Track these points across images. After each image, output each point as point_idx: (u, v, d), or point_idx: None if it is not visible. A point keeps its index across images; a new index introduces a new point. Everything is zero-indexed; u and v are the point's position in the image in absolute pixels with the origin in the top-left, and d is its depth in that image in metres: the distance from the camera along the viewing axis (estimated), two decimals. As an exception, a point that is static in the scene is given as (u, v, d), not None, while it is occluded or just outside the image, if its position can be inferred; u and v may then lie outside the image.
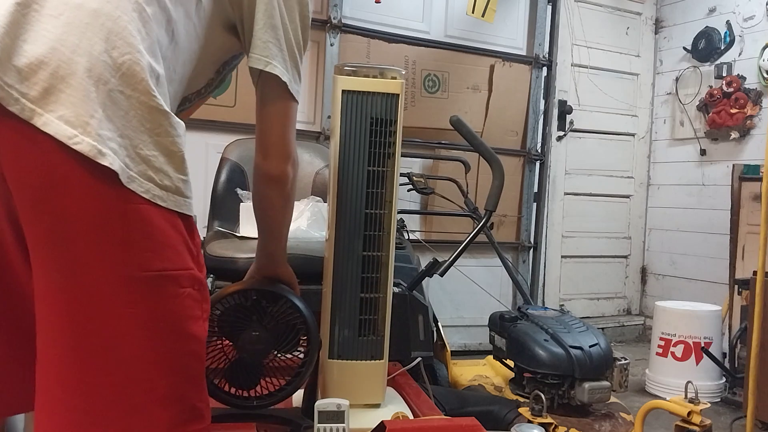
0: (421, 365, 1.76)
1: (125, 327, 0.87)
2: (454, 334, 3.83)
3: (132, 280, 0.87)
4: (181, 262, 0.92)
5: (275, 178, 1.17)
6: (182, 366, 0.92)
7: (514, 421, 1.69)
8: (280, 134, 1.15)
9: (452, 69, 3.87)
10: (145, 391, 0.89)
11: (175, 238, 0.92)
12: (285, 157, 1.16)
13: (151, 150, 0.89)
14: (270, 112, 1.14)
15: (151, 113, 0.89)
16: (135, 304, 0.87)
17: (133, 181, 0.86)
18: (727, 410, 3.10)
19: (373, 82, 1.36)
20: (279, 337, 1.30)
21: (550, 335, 1.91)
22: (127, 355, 0.87)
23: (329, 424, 1.28)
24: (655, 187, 4.71)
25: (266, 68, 1.09)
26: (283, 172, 1.17)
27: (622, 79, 4.60)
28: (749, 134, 4.01)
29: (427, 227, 3.82)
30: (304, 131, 3.52)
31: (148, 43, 0.91)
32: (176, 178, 0.92)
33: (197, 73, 1.11)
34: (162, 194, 0.90)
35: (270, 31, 1.09)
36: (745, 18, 4.05)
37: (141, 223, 0.87)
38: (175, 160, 0.92)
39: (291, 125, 1.16)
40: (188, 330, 0.93)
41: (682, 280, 4.44)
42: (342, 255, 1.41)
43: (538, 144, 4.17)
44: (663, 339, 3.39)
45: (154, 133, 0.89)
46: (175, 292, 0.91)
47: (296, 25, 1.13)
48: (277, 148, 1.15)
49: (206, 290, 0.97)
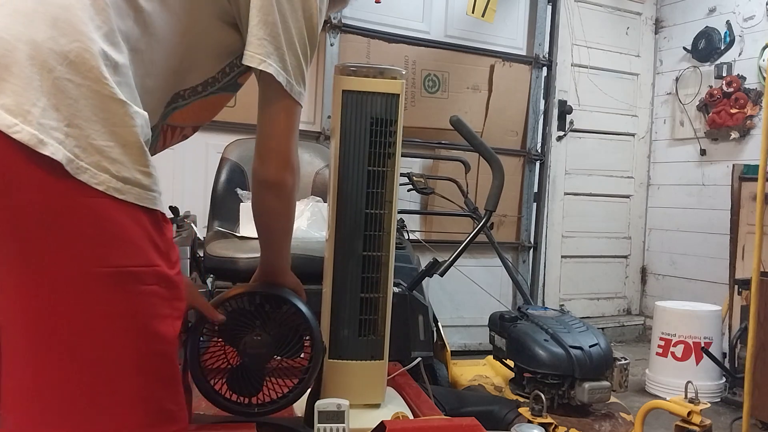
0: (421, 365, 1.76)
1: (86, 325, 0.84)
2: (454, 334, 3.83)
3: (89, 276, 0.84)
4: (143, 258, 0.88)
5: (272, 185, 1.13)
6: (149, 366, 0.89)
7: (514, 421, 1.69)
8: (278, 139, 1.11)
9: (452, 69, 3.87)
10: (111, 391, 0.86)
11: (136, 232, 0.87)
12: (283, 163, 1.12)
13: (105, 140, 0.84)
14: (268, 114, 1.11)
15: (105, 102, 0.85)
16: (94, 302, 0.84)
17: (84, 172, 0.82)
18: (727, 410, 3.10)
19: (373, 82, 1.36)
20: (282, 342, 1.27)
21: (550, 335, 1.91)
22: (91, 354, 0.85)
23: (329, 424, 1.27)
24: (655, 187, 4.72)
25: (260, 66, 1.05)
26: (280, 179, 1.12)
27: (622, 79, 4.60)
28: (749, 134, 4.01)
29: (427, 227, 3.82)
30: (304, 131, 3.51)
31: (105, 31, 0.87)
32: (135, 170, 0.87)
33: (188, 68, 1.07)
34: (120, 186, 0.85)
35: (265, 28, 1.05)
36: (745, 18, 4.05)
37: (94, 217, 0.84)
38: (134, 150, 0.87)
39: (290, 129, 1.12)
40: (154, 329, 0.89)
41: (682, 280, 4.44)
42: (342, 255, 1.41)
43: (538, 144, 4.17)
44: (663, 339, 3.39)
45: (109, 122, 0.85)
46: (136, 289, 0.87)
47: (300, 24, 1.09)
48: (274, 153, 1.11)
49: (177, 288, 0.93)
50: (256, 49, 1.05)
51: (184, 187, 3.23)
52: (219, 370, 1.29)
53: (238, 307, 1.26)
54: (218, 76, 1.12)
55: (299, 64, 1.10)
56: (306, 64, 1.12)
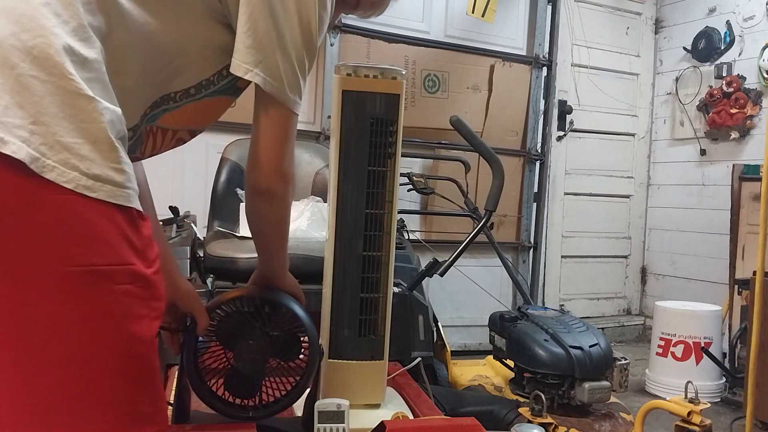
0: (421, 365, 1.75)
1: (56, 326, 0.83)
2: (454, 334, 3.83)
3: (58, 276, 0.82)
4: (117, 256, 0.85)
5: (262, 193, 1.12)
6: (123, 367, 0.87)
7: (514, 421, 1.69)
8: (269, 147, 1.09)
9: (452, 69, 3.87)
10: (83, 393, 0.84)
11: (108, 230, 0.85)
12: (273, 172, 1.10)
13: (73, 137, 0.82)
14: (259, 122, 1.09)
15: (72, 98, 0.83)
16: (65, 301, 0.82)
17: (52, 170, 0.80)
18: (727, 410, 3.10)
19: (373, 82, 1.36)
20: (278, 346, 1.26)
21: (550, 335, 1.91)
22: (64, 355, 0.83)
23: (329, 424, 1.27)
24: (655, 187, 4.72)
25: (245, 76, 1.03)
26: (270, 187, 1.11)
27: (622, 79, 4.60)
28: (749, 134, 4.01)
29: (427, 227, 3.82)
30: (304, 131, 3.52)
31: (73, 26, 0.86)
32: (107, 167, 0.85)
33: (178, 69, 1.04)
34: (90, 184, 0.83)
35: (254, 36, 1.02)
36: (745, 18, 4.05)
37: (62, 215, 0.82)
38: (104, 147, 0.85)
39: (282, 138, 1.09)
40: (128, 330, 0.87)
41: (682, 280, 4.44)
42: (342, 255, 1.41)
43: (538, 144, 4.17)
44: (663, 339, 3.39)
45: (77, 119, 0.83)
46: (108, 288, 0.84)
47: (295, 31, 1.05)
48: (265, 162, 1.09)
49: (155, 287, 0.90)
50: (243, 57, 1.03)
51: (184, 187, 3.23)
52: (216, 372, 1.28)
53: (233, 311, 1.25)
54: (213, 79, 1.09)
55: (294, 71, 1.07)
56: (302, 72, 1.09)
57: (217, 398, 1.27)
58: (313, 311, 1.36)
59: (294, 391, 1.30)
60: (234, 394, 1.28)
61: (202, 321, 1.23)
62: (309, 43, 1.08)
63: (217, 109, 1.16)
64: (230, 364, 1.27)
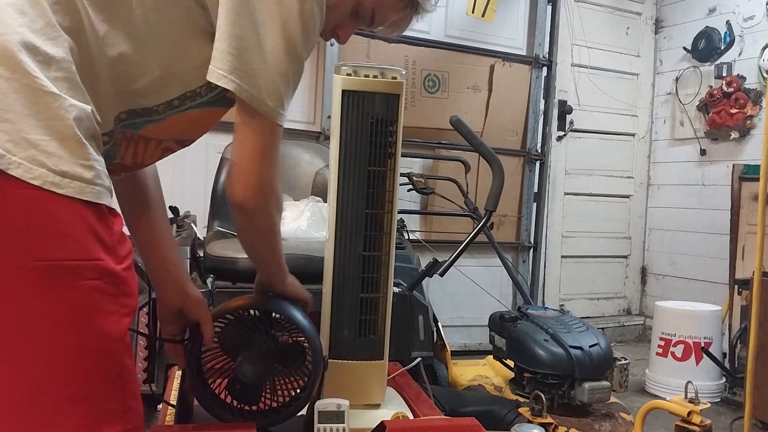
0: (421, 365, 1.76)
1: (23, 320, 0.83)
2: (454, 334, 3.83)
3: (22, 271, 0.82)
4: (84, 252, 0.85)
5: (239, 207, 1.07)
6: (89, 364, 0.86)
7: (514, 421, 1.69)
8: (245, 159, 1.04)
9: (452, 69, 3.87)
10: (53, 388, 0.84)
11: (76, 226, 0.84)
12: (246, 186, 1.05)
13: (40, 134, 0.82)
14: (237, 132, 1.04)
15: (37, 95, 0.83)
16: (31, 296, 0.82)
17: (18, 167, 0.80)
18: (727, 410, 3.10)
19: (373, 82, 1.36)
20: (281, 355, 1.26)
21: (550, 335, 1.91)
22: (29, 350, 0.83)
23: (329, 424, 1.27)
24: (655, 187, 4.72)
25: (219, 82, 0.99)
26: (243, 202, 1.06)
27: (622, 79, 4.60)
28: (749, 134, 4.01)
29: (427, 227, 3.82)
30: (304, 131, 3.52)
31: (40, 25, 0.86)
32: (75, 164, 0.85)
33: (161, 81, 1.02)
34: (58, 180, 0.83)
35: (231, 41, 0.98)
36: (745, 18, 4.05)
37: (27, 210, 0.81)
38: (71, 144, 0.85)
39: (261, 150, 1.04)
40: (96, 326, 0.86)
41: (682, 280, 4.44)
42: (342, 255, 1.41)
43: (538, 144, 4.17)
44: (663, 339, 3.39)
45: (44, 116, 0.83)
46: (74, 284, 0.84)
47: (277, 37, 1.00)
48: (242, 175, 1.05)
49: (126, 284, 0.89)
50: (218, 63, 0.99)
51: (184, 187, 3.23)
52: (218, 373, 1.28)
53: (234, 320, 1.24)
54: (201, 91, 1.06)
55: (274, 80, 1.02)
56: (285, 81, 1.03)
57: (219, 406, 1.26)
58: (313, 311, 1.36)
59: (296, 402, 1.29)
60: (237, 399, 1.27)
61: (208, 331, 1.21)
62: (292, 52, 1.02)
63: (206, 120, 1.12)
64: (233, 374, 1.25)
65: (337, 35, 1.22)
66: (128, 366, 0.91)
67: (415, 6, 1.22)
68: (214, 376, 1.27)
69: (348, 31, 1.22)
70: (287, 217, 2.09)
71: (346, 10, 1.16)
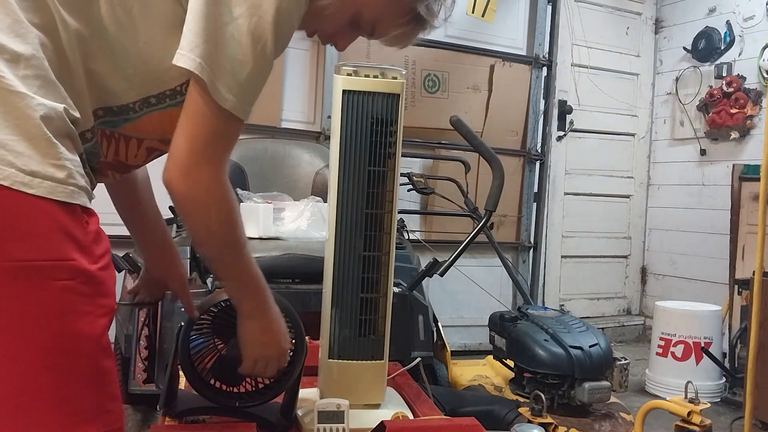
0: (421, 365, 1.76)
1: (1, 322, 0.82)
2: (454, 334, 3.83)
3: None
4: (55, 252, 0.84)
5: (168, 187, 0.99)
6: (62, 365, 0.85)
7: (514, 421, 1.69)
8: (182, 140, 0.97)
9: (452, 69, 3.87)
10: (30, 389, 0.83)
11: (47, 226, 0.83)
12: (175, 167, 0.97)
13: (8, 134, 0.81)
14: (184, 110, 0.98)
15: (2, 95, 0.82)
16: (1, 297, 0.81)
17: None
18: (727, 410, 3.10)
19: (373, 82, 1.36)
20: None
21: (550, 335, 1.91)
22: (6, 351, 0.82)
23: (329, 424, 1.28)
24: (655, 187, 4.72)
25: (178, 62, 0.94)
26: (170, 183, 0.98)
27: (622, 79, 4.60)
28: (749, 134, 4.01)
29: (427, 227, 3.82)
30: (304, 131, 3.52)
31: (7, 23, 0.85)
32: (46, 163, 0.83)
33: (139, 78, 1.00)
34: (28, 180, 0.82)
35: (194, 21, 0.94)
36: (745, 18, 4.05)
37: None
38: (41, 143, 0.84)
39: (202, 135, 0.97)
40: (69, 327, 0.85)
41: (682, 280, 4.44)
42: (342, 255, 1.41)
43: (538, 144, 4.17)
44: (663, 339, 3.39)
45: (11, 116, 0.82)
46: (46, 284, 0.83)
47: (242, 31, 0.94)
48: (172, 153, 0.97)
49: (101, 284, 0.88)
50: (182, 43, 0.94)
51: (184, 187, 3.22)
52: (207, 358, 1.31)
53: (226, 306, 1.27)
54: (180, 89, 1.02)
55: (233, 69, 0.95)
56: (248, 77, 0.97)
57: (206, 385, 1.30)
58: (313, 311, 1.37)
59: (280, 383, 1.31)
60: (222, 382, 1.31)
61: (186, 301, 1.31)
62: (257, 48, 0.96)
63: None
64: (220, 354, 1.29)
65: (335, 43, 1.18)
66: (105, 367, 0.90)
67: (420, 21, 1.15)
68: (200, 359, 1.30)
69: (346, 41, 1.18)
70: (287, 217, 2.09)
71: (343, 19, 1.11)
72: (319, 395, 1.47)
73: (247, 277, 1.14)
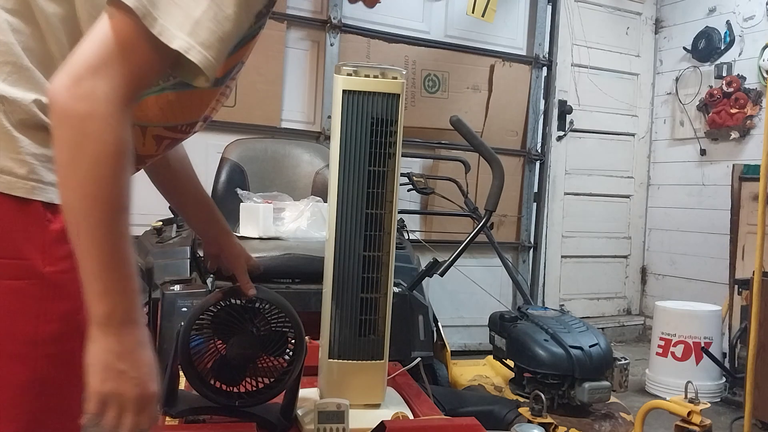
0: (421, 365, 1.76)
1: None
2: (454, 334, 3.82)
3: None
4: (7, 250, 0.80)
5: (50, 96, 0.78)
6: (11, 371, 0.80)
7: (514, 421, 1.69)
8: (85, 47, 0.78)
9: (452, 69, 3.87)
10: None
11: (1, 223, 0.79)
12: (73, 75, 0.76)
13: None
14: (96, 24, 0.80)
15: None
16: None
17: None
18: (727, 410, 3.10)
19: (373, 82, 1.37)
20: (267, 341, 1.30)
21: (550, 335, 1.91)
22: None
23: (329, 424, 1.28)
24: (655, 187, 4.72)
25: None
26: (58, 92, 0.76)
27: (622, 79, 4.60)
28: (749, 134, 4.01)
29: (427, 227, 3.82)
30: (304, 131, 3.52)
31: None
32: (6, 158, 0.80)
33: None
34: None
35: None
36: (745, 18, 4.05)
37: None
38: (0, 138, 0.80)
39: (107, 44, 0.77)
40: (14, 330, 0.80)
41: (682, 280, 4.44)
42: (342, 255, 1.41)
43: (538, 144, 4.17)
44: (663, 339, 3.39)
45: None
46: None
47: None
48: (73, 60, 0.78)
49: (54, 287, 0.82)
50: None
51: (184, 187, 3.22)
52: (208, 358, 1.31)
53: (227, 305, 1.28)
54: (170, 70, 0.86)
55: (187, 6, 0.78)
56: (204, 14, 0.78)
57: (206, 385, 1.31)
58: (313, 311, 1.37)
59: (279, 383, 1.32)
60: (222, 382, 1.31)
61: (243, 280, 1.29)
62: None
63: (186, 104, 0.98)
64: (220, 354, 1.30)
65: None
66: (48, 377, 0.82)
67: None
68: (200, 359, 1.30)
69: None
70: (287, 217, 2.09)
71: None
72: (319, 395, 1.47)
73: (112, 262, 0.79)
